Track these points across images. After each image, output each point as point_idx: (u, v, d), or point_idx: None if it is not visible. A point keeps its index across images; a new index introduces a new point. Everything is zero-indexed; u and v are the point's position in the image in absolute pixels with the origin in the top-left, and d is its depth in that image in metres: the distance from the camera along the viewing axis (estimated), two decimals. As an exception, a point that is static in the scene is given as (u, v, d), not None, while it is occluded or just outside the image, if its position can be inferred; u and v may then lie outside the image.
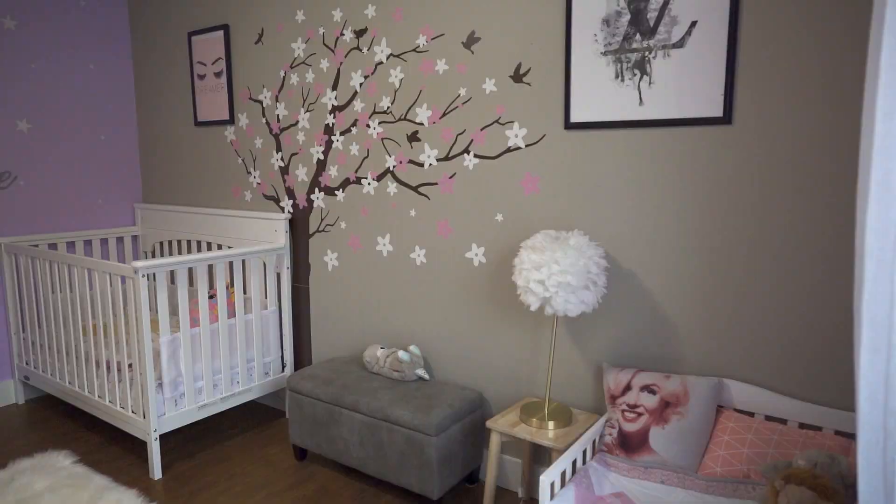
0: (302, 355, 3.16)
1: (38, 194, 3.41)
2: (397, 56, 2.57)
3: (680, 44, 1.91)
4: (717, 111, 1.87)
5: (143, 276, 2.44)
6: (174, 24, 3.45)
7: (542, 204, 2.27)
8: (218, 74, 3.26)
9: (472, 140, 2.41)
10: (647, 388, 1.95)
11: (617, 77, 2.04)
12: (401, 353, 2.50)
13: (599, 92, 2.08)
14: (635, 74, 2.00)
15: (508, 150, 2.32)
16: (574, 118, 2.14)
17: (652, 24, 1.95)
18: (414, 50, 2.51)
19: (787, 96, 1.78)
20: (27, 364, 3.28)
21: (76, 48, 3.49)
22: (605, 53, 2.05)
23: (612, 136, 2.09)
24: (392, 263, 2.73)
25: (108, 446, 2.86)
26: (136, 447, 2.84)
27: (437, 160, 2.52)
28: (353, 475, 2.60)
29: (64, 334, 2.98)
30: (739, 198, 1.89)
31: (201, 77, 3.36)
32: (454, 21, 2.39)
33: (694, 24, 1.88)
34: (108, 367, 2.76)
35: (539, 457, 2.40)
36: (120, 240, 3.82)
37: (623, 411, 1.96)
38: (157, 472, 2.57)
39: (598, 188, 2.14)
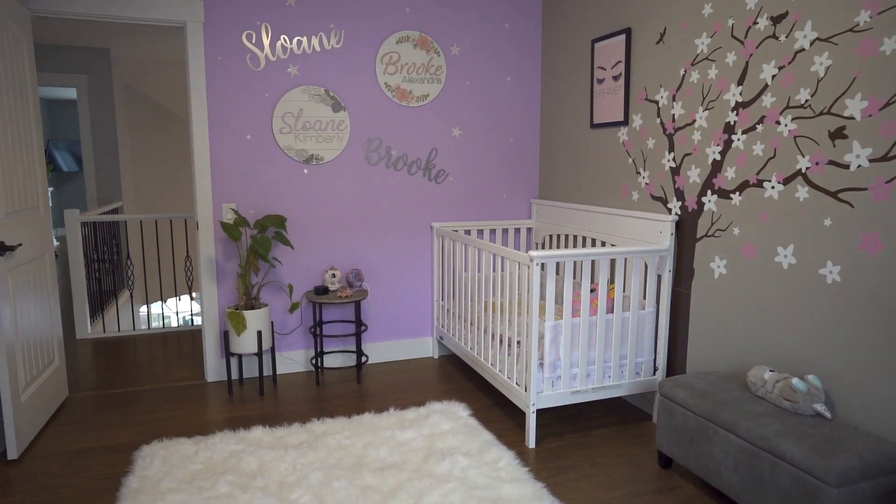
0: (675, 362, 3.06)
1: (460, 188, 4.12)
2: (825, 40, 2.22)
3: None
4: None
5: (537, 264, 2.72)
6: (580, 33, 3.70)
7: None
8: (616, 77, 3.37)
9: (925, 135, 1.92)
10: None
11: None
12: (795, 381, 2.18)
13: None
14: None
15: None
16: None
17: None
18: (850, 30, 2.13)
19: None
20: (442, 326, 4.03)
21: (499, 65, 4.08)
22: None
23: None
24: (793, 278, 2.40)
25: (494, 408, 3.30)
26: (516, 415, 3.20)
27: (870, 161, 2.09)
28: (721, 499, 2.40)
29: (469, 307, 3.55)
30: None
31: (600, 81, 3.52)
32: (913, -12, 1.93)
33: None
34: (501, 341, 3.18)
35: None
36: (517, 231, 4.33)
37: None
38: (531, 441, 2.85)
39: None
